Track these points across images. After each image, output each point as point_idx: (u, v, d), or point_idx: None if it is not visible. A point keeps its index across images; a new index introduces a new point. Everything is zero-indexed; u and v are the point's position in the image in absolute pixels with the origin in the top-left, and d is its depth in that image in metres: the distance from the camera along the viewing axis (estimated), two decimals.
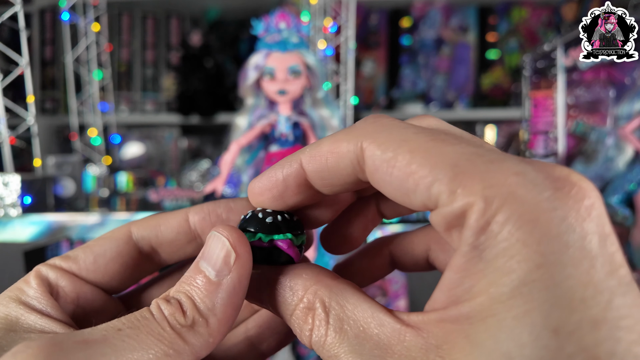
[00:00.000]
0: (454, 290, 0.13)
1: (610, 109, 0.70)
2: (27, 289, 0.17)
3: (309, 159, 0.16)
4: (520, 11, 1.33)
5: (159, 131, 1.40)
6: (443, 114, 1.36)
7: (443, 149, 0.14)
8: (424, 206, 0.14)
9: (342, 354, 0.14)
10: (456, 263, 0.13)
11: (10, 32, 1.21)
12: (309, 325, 0.15)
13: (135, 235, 0.19)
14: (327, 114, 0.61)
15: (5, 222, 0.63)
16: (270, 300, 0.17)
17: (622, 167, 0.68)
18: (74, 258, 0.19)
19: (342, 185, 0.16)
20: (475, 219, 0.12)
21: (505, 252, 0.12)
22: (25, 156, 1.09)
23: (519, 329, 0.12)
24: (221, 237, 0.16)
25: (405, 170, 0.14)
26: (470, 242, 0.12)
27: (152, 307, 0.15)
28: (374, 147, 0.14)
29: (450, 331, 0.13)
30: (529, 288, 0.12)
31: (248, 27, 0.63)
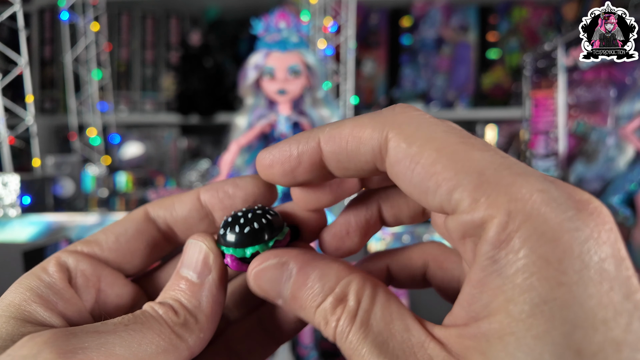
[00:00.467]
0: (472, 306, 0.13)
1: (611, 109, 0.70)
2: (44, 275, 0.18)
3: (328, 138, 0.16)
4: (520, 11, 1.33)
5: (158, 131, 1.40)
6: (443, 113, 1.36)
7: (471, 154, 0.13)
8: (440, 208, 0.14)
9: (365, 349, 0.14)
10: (474, 277, 0.13)
11: (10, 31, 1.21)
12: (336, 316, 0.15)
13: (152, 214, 0.20)
14: (327, 114, 0.61)
15: (4, 222, 0.63)
16: (293, 292, 0.16)
17: (623, 167, 0.68)
18: (95, 241, 0.19)
19: (357, 171, 0.16)
20: (497, 233, 0.12)
21: (526, 268, 0.12)
22: (24, 156, 1.09)
23: (540, 348, 0.11)
24: (198, 243, 0.18)
25: (429, 169, 0.13)
26: (490, 255, 0.12)
27: (147, 308, 0.17)
28: (400, 139, 0.14)
29: (467, 347, 0.13)
30: (550, 306, 0.11)
31: (248, 27, 0.63)
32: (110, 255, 0.19)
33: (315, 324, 0.16)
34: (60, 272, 0.18)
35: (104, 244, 0.19)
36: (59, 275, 0.18)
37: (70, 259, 0.18)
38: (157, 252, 0.21)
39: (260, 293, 0.17)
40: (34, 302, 0.17)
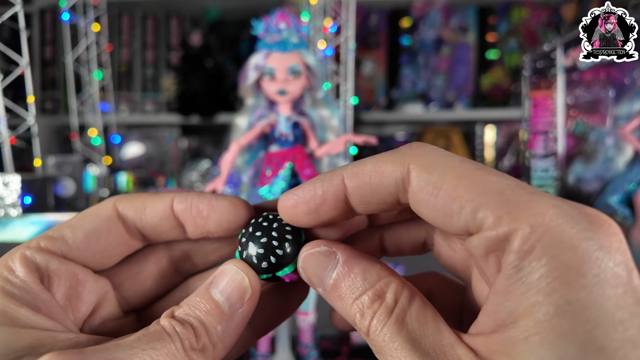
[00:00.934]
0: (499, 314, 0.14)
1: (610, 109, 0.70)
2: (12, 277, 0.17)
3: (351, 175, 0.17)
4: (520, 11, 1.33)
5: (159, 131, 1.40)
6: (443, 114, 1.36)
7: (488, 178, 0.15)
8: (465, 229, 0.15)
9: (397, 343, 0.15)
10: (500, 287, 0.14)
11: (11, 32, 1.21)
12: (372, 311, 0.16)
13: (120, 213, 0.19)
14: (327, 114, 0.61)
15: (5, 222, 0.63)
16: (336, 281, 0.17)
17: (621, 167, 0.68)
18: (61, 238, 0.18)
19: (379, 205, 0.17)
20: (521, 243, 0.13)
21: (549, 273, 0.13)
22: (25, 156, 1.09)
23: (565, 346, 0.12)
24: (240, 274, 0.18)
25: (452, 193, 0.15)
26: (515, 264, 0.13)
27: (166, 326, 0.16)
28: (421, 169, 0.16)
29: (494, 351, 0.14)
30: (574, 307, 0.12)
31: (248, 28, 0.63)
32: (78, 255, 0.19)
33: (350, 315, 0.16)
34: (31, 274, 0.17)
35: (71, 242, 0.18)
36: (31, 277, 0.17)
37: (38, 257, 0.18)
38: (125, 249, 0.20)
39: (304, 276, 0.18)
40: (18, 307, 0.16)
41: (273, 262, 0.18)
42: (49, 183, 0.71)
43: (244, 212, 0.20)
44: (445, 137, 1.35)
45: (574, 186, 0.73)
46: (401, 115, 1.36)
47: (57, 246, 0.18)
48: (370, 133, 0.99)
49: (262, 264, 0.18)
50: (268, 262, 0.18)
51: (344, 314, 0.17)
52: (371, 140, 0.59)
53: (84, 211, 0.19)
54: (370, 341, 0.16)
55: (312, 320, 0.64)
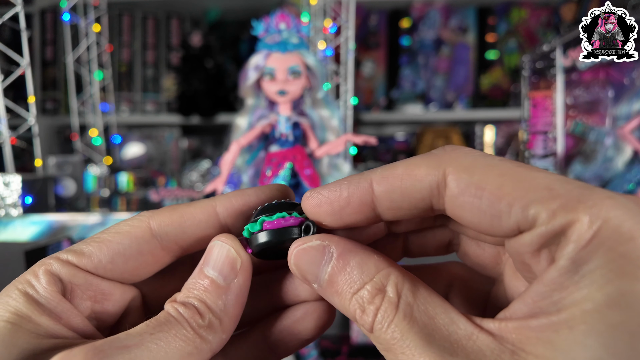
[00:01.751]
0: (540, 302, 0.14)
1: (609, 109, 0.70)
2: (37, 285, 0.17)
3: (380, 178, 0.16)
4: (519, 12, 1.34)
5: (159, 131, 1.40)
6: (443, 114, 1.36)
7: (532, 174, 0.14)
8: (516, 228, 0.14)
9: (410, 339, 0.14)
10: (549, 277, 0.13)
11: (11, 32, 1.22)
12: (374, 306, 0.15)
13: (156, 231, 0.18)
14: (327, 114, 0.61)
15: (6, 222, 0.64)
16: (331, 276, 0.16)
17: (621, 167, 0.68)
18: (88, 255, 0.18)
19: (410, 210, 0.16)
20: (580, 235, 0.13)
21: (605, 265, 0.13)
22: (26, 156, 1.09)
23: (614, 337, 0.12)
24: (225, 246, 0.18)
25: (498, 192, 0.14)
26: (572, 256, 0.13)
27: (171, 311, 0.17)
28: (460, 171, 0.15)
29: (529, 337, 0.13)
30: (627, 299, 0.12)
31: (248, 28, 0.63)
32: (104, 273, 0.18)
33: (350, 311, 0.16)
34: (54, 285, 0.17)
35: (97, 261, 0.18)
36: (52, 288, 0.17)
37: (63, 271, 0.17)
38: (157, 267, 0.20)
39: (298, 273, 0.17)
40: (41, 314, 0.16)
41: (265, 209, 0.18)
42: (49, 183, 0.71)
43: (292, 198, 0.20)
44: (445, 137, 1.35)
45: None
46: (401, 115, 1.36)
47: (83, 263, 0.18)
48: (370, 133, 0.99)
49: (256, 215, 0.18)
50: (260, 210, 0.18)
51: (343, 310, 0.16)
52: (371, 141, 0.59)
53: (116, 226, 0.19)
54: (376, 338, 0.15)
55: None
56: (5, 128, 0.67)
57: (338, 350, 0.73)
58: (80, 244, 0.18)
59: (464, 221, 0.16)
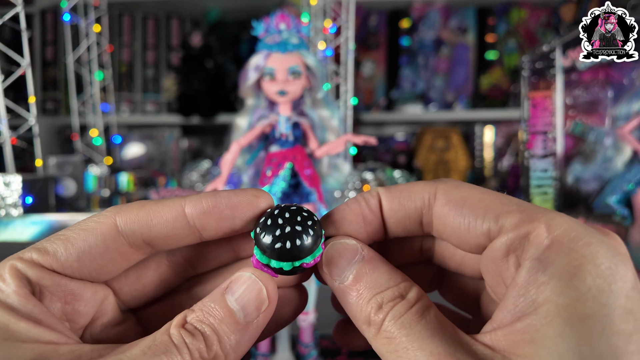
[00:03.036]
0: (519, 306, 0.15)
1: (609, 110, 0.70)
2: (6, 288, 0.16)
3: (384, 190, 0.19)
4: (519, 12, 1.34)
5: (159, 131, 1.41)
6: (442, 114, 1.36)
7: (508, 197, 0.17)
8: (487, 233, 0.16)
9: (420, 327, 0.15)
10: (519, 280, 0.15)
11: (12, 32, 1.22)
12: (393, 303, 0.16)
13: (122, 229, 0.18)
14: (327, 115, 0.61)
15: (6, 222, 0.64)
16: (358, 274, 0.17)
17: (620, 167, 0.69)
18: (53, 253, 0.17)
19: (404, 221, 0.19)
20: (541, 239, 0.15)
21: (570, 263, 0.14)
22: (26, 156, 1.10)
23: (587, 327, 0.13)
24: (259, 284, 0.17)
25: (478, 203, 0.17)
26: (536, 256, 0.15)
27: (175, 337, 0.15)
28: (449, 188, 0.18)
29: (516, 342, 0.14)
30: (593, 293, 0.14)
31: (248, 28, 0.63)
32: (71, 272, 0.17)
33: (364, 310, 0.16)
34: (24, 287, 0.16)
35: (63, 260, 0.17)
36: (23, 290, 0.16)
37: (30, 271, 0.16)
38: (126, 264, 0.19)
39: (327, 265, 0.18)
40: (19, 320, 0.15)
41: (295, 249, 0.17)
42: (50, 183, 0.71)
43: (268, 203, 0.19)
44: (445, 137, 1.35)
45: (572, 186, 0.74)
46: (401, 115, 1.36)
47: (48, 262, 0.17)
48: (369, 133, 1.00)
49: (288, 254, 0.17)
50: (290, 249, 0.17)
51: (355, 309, 0.17)
52: (371, 141, 0.59)
53: (82, 222, 0.18)
54: (382, 335, 0.16)
55: (312, 320, 0.64)
56: (5, 128, 0.67)
57: (338, 350, 0.73)
58: (44, 242, 0.17)
59: (445, 230, 0.18)
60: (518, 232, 0.15)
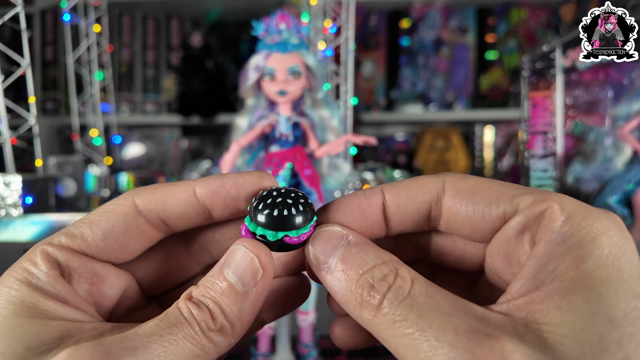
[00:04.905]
0: (537, 276, 0.15)
1: (609, 110, 0.70)
2: (37, 271, 0.17)
3: (389, 186, 0.19)
4: (519, 12, 1.34)
5: (159, 132, 1.41)
6: (442, 114, 1.36)
7: (513, 184, 0.18)
8: (502, 216, 0.17)
9: (429, 312, 0.15)
10: (538, 252, 0.16)
11: (12, 32, 1.22)
12: (387, 283, 0.16)
13: (141, 208, 0.19)
14: (327, 115, 0.61)
15: (6, 222, 0.64)
16: (345, 255, 0.17)
17: (620, 167, 0.69)
18: (80, 236, 0.18)
19: (412, 216, 0.19)
20: (558, 214, 0.16)
21: (588, 234, 0.15)
22: (26, 156, 1.10)
23: (613, 292, 0.14)
24: (250, 254, 0.18)
25: (489, 190, 0.18)
26: (554, 230, 0.15)
27: (183, 310, 0.16)
28: (457, 179, 0.18)
29: (540, 310, 0.15)
30: (612, 261, 0.15)
31: (248, 28, 0.63)
32: (98, 253, 0.19)
33: (355, 291, 0.16)
34: (54, 269, 0.17)
35: (90, 240, 0.18)
36: (53, 272, 0.17)
37: (59, 255, 0.18)
38: (146, 243, 0.20)
39: (312, 253, 0.18)
40: (47, 299, 0.17)
41: (281, 219, 0.18)
42: (50, 183, 0.71)
43: (271, 183, 0.20)
44: (445, 137, 1.35)
45: (572, 186, 0.74)
46: (401, 115, 1.36)
47: (77, 244, 0.18)
48: (370, 133, 0.99)
49: (274, 222, 0.18)
50: (276, 217, 0.18)
51: (345, 293, 0.16)
52: (371, 141, 0.59)
53: (103, 206, 0.19)
54: (385, 318, 0.15)
55: (312, 320, 0.65)
56: (5, 128, 0.67)
57: (338, 350, 0.73)
58: (70, 227, 0.19)
59: (458, 221, 0.18)
60: (534, 209, 0.16)
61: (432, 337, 0.14)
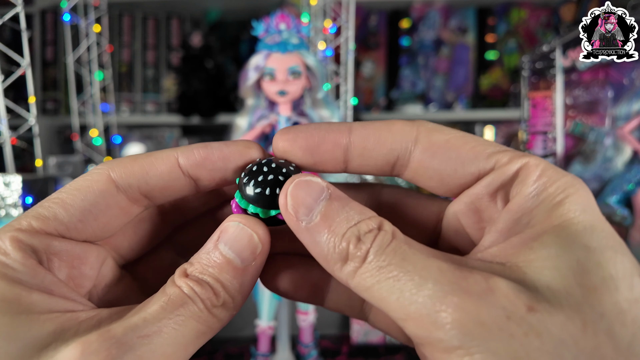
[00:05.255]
0: (511, 229, 0.16)
1: (609, 110, 0.70)
2: (11, 262, 0.15)
3: (358, 126, 0.18)
4: (519, 12, 1.34)
5: (159, 132, 1.41)
6: (442, 114, 1.36)
7: (487, 139, 0.18)
8: (476, 173, 0.17)
9: (413, 256, 0.15)
10: (513, 206, 0.16)
11: (12, 32, 1.22)
12: (373, 234, 0.15)
13: (119, 184, 0.18)
14: (327, 115, 0.61)
15: (6, 222, 0.64)
16: (327, 210, 0.16)
17: (620, 167, 0.69)
18: (53, 217, 0.17)
19: (376, 160, 0.18)
20: (534, 170, 0.16)
21: (560, 187, 0.15)
22: (26, 156, 1.09)
23: (584, 230, 0.15)
24: (247, 230, 0.17)
25: (464, 146, 0.17)
26: (531, 184, 0.16)
27: (185, 288, 0.16)
28: (432, 130, 0.17)
29: (511, 253, 0.15)
30: (582, 212, 0.15)
31: (248, 28, 0.63)
32: (77, 234, 0.17)
33: (341, 244, 0.15)
34: (29, 257, 0.16)
35: (67, 222, 0.17)
36: (29, 260, 0.16)
37: (35, 240, 0.16)
38: (126, 218, 0.19)
39: (291, 204, 0.16)
40: (30, 292, 0.15)
41: (273, 197, 0.17)
42: (50, 183, 0.71)
43: (259, 153, 0.19)
44: None
45: None
46: (401, 115, 1.36)
47: (52, 226, 0.17)
48: None
49: (266, 200, 0.17)
50: (269, 195, 0.17)
51: (328, 247, 0.15)
52: None
53: (73, 183, 0.18)
54: (369, 266, 0.15)
55: (312, 320, 0.65)
56: (5, 128, 0.67)
57: (338, 350, 0.73)
58: (37, 208, 0.17)
59: (426, 173, 0.18)
60: (509, 167, 0.16)
61: (417, 276, 0.14)
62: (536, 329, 0.13)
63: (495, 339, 0.13)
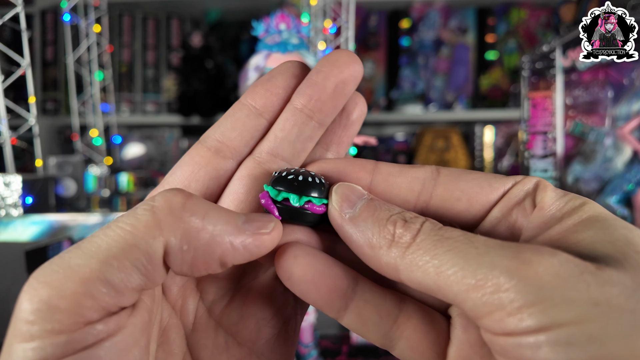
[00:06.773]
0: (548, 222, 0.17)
1: (609, 110, 0.70)
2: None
3: (381, 171, 0.19)
4: (519, 12, 1.34)
5: (159, 132, 1.41)
6: (442, 114, 1.36)
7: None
8: (501, 187, 0.18)
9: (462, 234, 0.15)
10: (546, 203, 0.17)
11: (12, 33, 1.22)
12: (420, 219, 0.16)
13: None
14: None
15: (6, 222, 0.64)
16: (369, 203, 0.17)
17: (620, 167, 0.69)
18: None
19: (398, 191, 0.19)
20: (548, 184, 0.17)
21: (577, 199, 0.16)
22: (26, 157, 1.10)
23: (622, 222, 0.15)
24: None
25: (480, 173, 0.19)
26: (553, 189, 0.17)
27: None
28: (449, 169, 0.19)
29: (559, 239, 0.16)
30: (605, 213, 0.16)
31: (248, 28, 0.63)
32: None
33: (386, 227, 0.16)
34: None
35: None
36: None
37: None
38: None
39: (335, 199, 0.18)
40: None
41: (306, 183, 0.18)
42: (50, 183, 0.71)
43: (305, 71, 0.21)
44: (445, 137, 1.35)
45: (572, 186, 0.74)
46: (401, 115, 1.36)
47: None
48: (369, 133, 0.99)
49: (299, 185, 0.18)
50: (302, 181, 0.18)
51: (372, 232, 0.16)
52: (371, 141, 0.59)
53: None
54: (422, 241, 0.15)
55: (312, 320, 0.65)
56: (5, 128, 0.67)
57: (338, 350, 0.73)
58: None
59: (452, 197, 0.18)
60: (529, 180, 0.18)
61: (480, 244, 0.14)
62: (611, 280, 0.13)
63: (573, 288, 0.13)
